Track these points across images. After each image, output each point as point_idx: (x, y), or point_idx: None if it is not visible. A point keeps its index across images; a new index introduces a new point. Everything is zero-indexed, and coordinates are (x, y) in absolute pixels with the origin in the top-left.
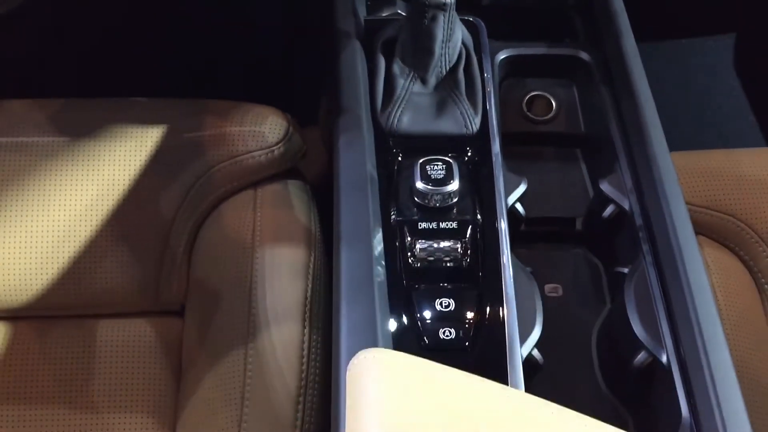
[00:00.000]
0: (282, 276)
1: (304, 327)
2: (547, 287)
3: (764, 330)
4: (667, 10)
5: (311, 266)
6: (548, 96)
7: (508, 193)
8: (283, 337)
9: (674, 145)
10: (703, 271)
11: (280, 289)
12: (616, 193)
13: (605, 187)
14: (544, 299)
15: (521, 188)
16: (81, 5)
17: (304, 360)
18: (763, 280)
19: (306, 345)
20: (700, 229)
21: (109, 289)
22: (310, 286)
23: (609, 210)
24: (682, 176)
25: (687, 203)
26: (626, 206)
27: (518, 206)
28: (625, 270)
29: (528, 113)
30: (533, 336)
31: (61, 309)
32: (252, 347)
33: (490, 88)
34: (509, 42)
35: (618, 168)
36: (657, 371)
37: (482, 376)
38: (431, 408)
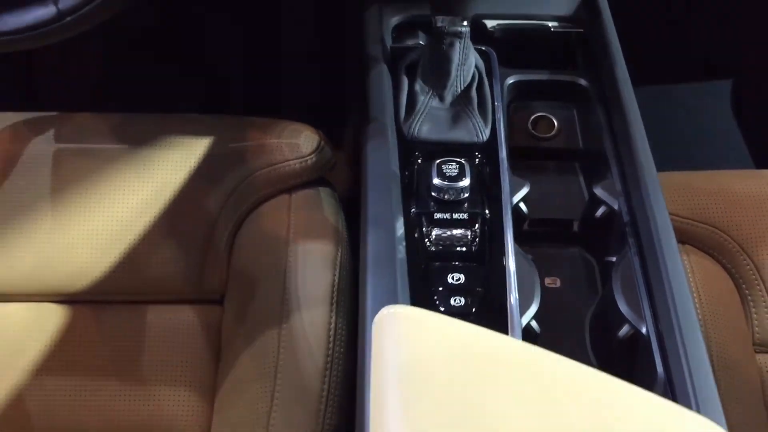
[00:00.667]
0: (312, 267)
1: (331, 311)
2: (547, 280)
3: (745, 331)
4: (668, 56)
5: (338, 260)
6: (551, 116)
7: (512, 193)
8: (312, 319)
9: None
10: (678, 256)
11: (310, 279)
12: (608, 196)
13: (598, 191)
14: (544, 289)
15: (524, 190)
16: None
17: (331, 339)
18: (744, 285)
19: (332, 327)
20: (686, 239)
21: (158, 278)
22: (337, 276)
23: (601, 210)
24: (670, 192)
25: (674, 215)
26: (616, 207)
27: (522, 205)
28: (614, 259)
29: (533, 131)
30: (532, 309)
31: (116, 294)
32: (285, 328)
33: (499, 107)
34: (517, 69)
35: (610, 176)
36: (638, 341)
37: None
38: (448, 354)
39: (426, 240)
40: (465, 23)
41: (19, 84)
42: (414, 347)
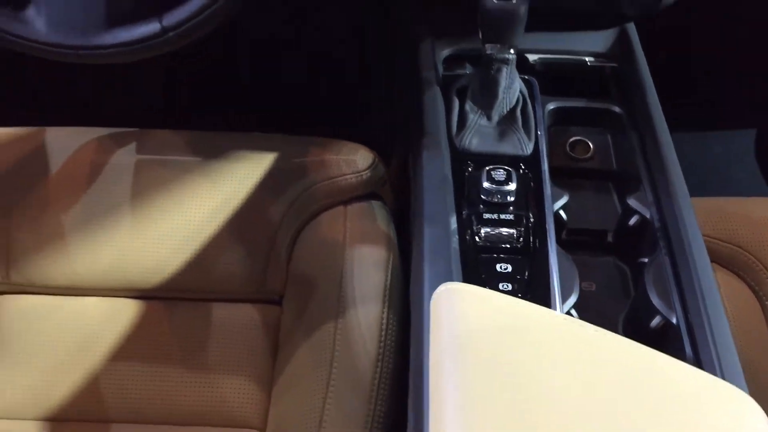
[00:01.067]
0: (366, 270)
1: (384, 308)
2: (583, 284)
3: None
4: (694, 105)
5: (390, 263)
6: (587, 140)
7: (553, 201)
8: (367, 315)
9: None
10: (705, 255)
11: (365, 280)
12: (641, 206)
13: (632, 201)
14: (580, 291)
15: (564, 199)
16: None
17: (383, 333)
18: (767, 302)
19: (385, 322)
20: (714, 258)
21: (224, 278)
22: (389, 277)
23: (634, 219)
24: (700, 214)
25: (704, 235)
26: (648, 215)
27: (562, 213)
28: (646, 260)
29: (571, 153)
30: (572, 299)
31: (185, 292)
32: (341, 323)
33: (541, 126)
34: (557, 97)
35: (642, 190)
36: (668, 331)
37: None
38: (504, 325)
39: (476, 237)
40: (512, 51)
41: (18, 92)
42: (472, 319)
